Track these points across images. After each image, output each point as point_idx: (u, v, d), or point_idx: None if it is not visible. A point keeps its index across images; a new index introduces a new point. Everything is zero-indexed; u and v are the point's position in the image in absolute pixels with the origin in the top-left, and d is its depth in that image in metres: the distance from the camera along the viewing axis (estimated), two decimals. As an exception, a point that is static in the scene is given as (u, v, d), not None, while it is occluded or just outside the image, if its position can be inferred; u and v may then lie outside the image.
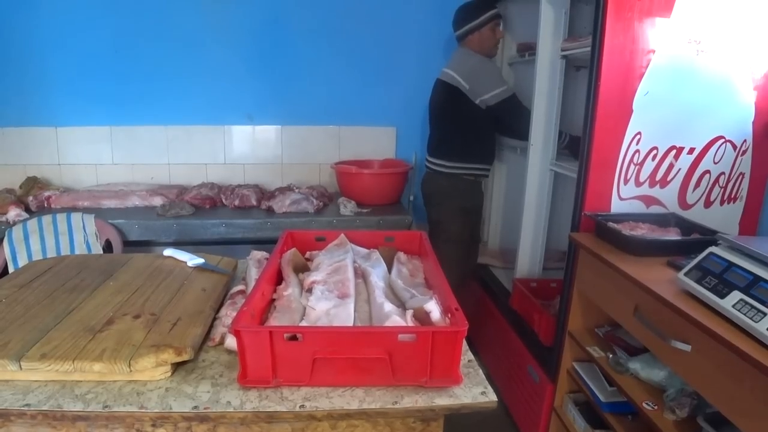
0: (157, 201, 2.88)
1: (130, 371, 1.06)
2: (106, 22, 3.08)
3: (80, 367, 1.07)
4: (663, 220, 1.86)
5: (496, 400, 1.05)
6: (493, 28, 2.67)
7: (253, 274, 1.41)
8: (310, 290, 1.23)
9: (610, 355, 1.77)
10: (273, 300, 1.26)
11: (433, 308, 1.08)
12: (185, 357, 1.10)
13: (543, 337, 2.17)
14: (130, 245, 2.68)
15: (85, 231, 2.60)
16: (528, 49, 2.70)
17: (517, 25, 2.95)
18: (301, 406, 1.00)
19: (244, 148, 3.33)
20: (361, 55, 3.21)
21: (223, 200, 2.99)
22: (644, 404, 1.55)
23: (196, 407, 1.01)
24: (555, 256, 2.79)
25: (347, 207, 2.82)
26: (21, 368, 1.08)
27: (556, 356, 2.05)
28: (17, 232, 2.56)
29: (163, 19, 3.08)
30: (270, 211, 2.84)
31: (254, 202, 2.91)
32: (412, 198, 3.09)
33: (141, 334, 1.16)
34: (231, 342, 1.14)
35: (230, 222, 2.68)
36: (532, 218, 2.49)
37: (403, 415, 1.03)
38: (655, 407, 1.53)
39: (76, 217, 2.64)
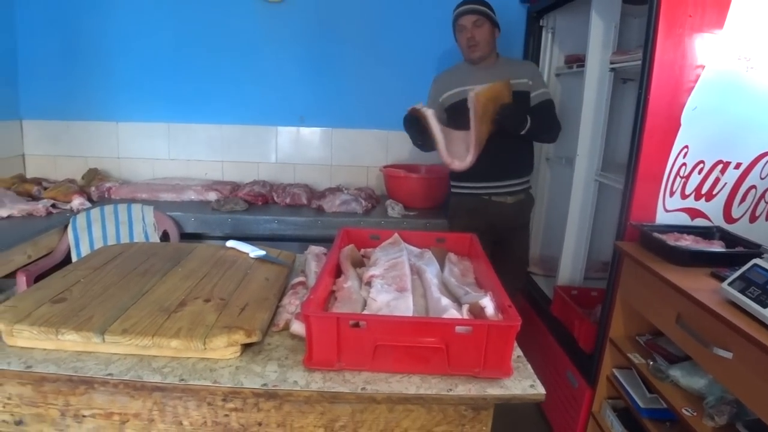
0: (212, 196, 3.02)
1: (204, 349, 1.16)
2: (168, 26, 3.25)
3: (158, 343, 1.17)
4: (707, 233, 1.88)
5: (545, 392, 1.11)
6: (459, 31, 2.55)
7: (313, 267, 1.50)
8: (369, 283, 1.31)
9: (651, 363, 1.81)
10: (333, 291, 1.34)
11: (488, 304, 1.15)
12: (254, 339, 1.19)
13: (583, 344, 2.21)
14: (184, 237, 2.81)
15: (144, 221, 2.74)
16: (576, 61, 2.73)
17: (565, 37, 2.99)
18: (363, 389, 1.08)
19: (294, 149, 3.45)
20: (409, 61, 3.29)
21: (275, 198, 3.10)
22: (683, 410, 1.58)
23: (265, 384, 1.09)
24: (595, 266, 2.82)
25: (395, 209, 2.90)
26: (104, 341, 1.18)
27: (596, 362, 2.09)
28: (81, 220, 2.71)
29: (220, 24, 3.22)
30: (320, 210, 2.94)
31: (304, 201, 3.02)
32: (456, 203, 3.15)
33: (213, 316, 1.25)
34: (297, 327, 1.22)
35: (282, 219, 2.80)
36: (576, 228, 2.53)
37: (456, 402, 1.10)
38: (695, 414, 1.56)
39: (136, 208, 2.78)
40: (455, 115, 2.52)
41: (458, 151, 2.28)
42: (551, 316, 2.52)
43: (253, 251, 1.65)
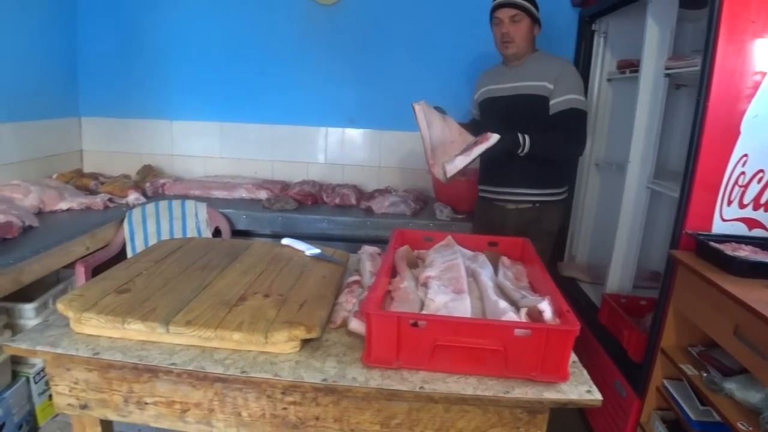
0: (262, 194, 3.08)
1: (266, 343, 1.19)
2: (222, 28, 3.34)
3: (220, 335, 1.21)
4: (766, 244, 1.84)
5: (601, 398, 1.11)
6: (495, 24, 2.38)
7: (368, 266, 1.52)
8: (425, 284, 1.32)
9: (704, 374, 1.77)
10: (388, 291, 1.36)
11: (547, 308, 1.15)
12: (314, 335, 1.22)
13: (632, 353, 2.18)
14: (235, 234, 2.88)
15: (197, 217, 2.82)
16: (628, 66, 2.69)
17: (618, 42, 2.95)
18: (421, 388, 1.10)
19: (343, 150, 3.49)
20: (458, 63, 3.29)
21: (324, 198, 3.15)
22: (739, 425, 1.55)
23: (324, 380, 1.12)
24: (644, 275, 2.77)
25: (443, 212, 2.92)
26: (168, 331, 1.23)
27: (645, 372, 2.06)
28: (136, 214, 2.81)
29: (272, 27, 3.29)
30: (369, 210, 2.97)
31: (353, 202, 3.06)
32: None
33: (273, 311, 1.29)
34: (355, 325, 1.25)
35: (332, 219, 2.84)
36: (626, 235, 2.49)
37: (512, 404, 1.11)
38: (751, 428, 1.53)
39: (189, 204, 2.86)
40: (484, 113, 2.56)
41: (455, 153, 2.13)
42: (599, 323, 2.49)
43: (309, 249, 1.68)
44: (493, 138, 2.00)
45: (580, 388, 1.12)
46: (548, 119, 2.27)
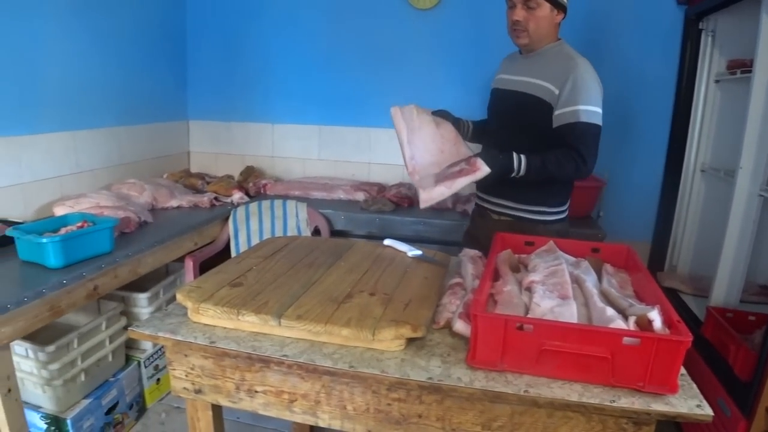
0: (360, 196, 3.16)
1: (373, 340, 1.24)
2: (322, 34, 3.45)
3: (329, 330, 1.26)
4: None
5: (712, 414, 1.07)
6: (508, 7, 1.99)
7: (469, 269, 1.54)
8: (529, 289, 1.33)
9: (823, 397, 1.67)
10: (491, 294, 1.37)
11: (657, 317, 1.13)
12: (419, 334, 1.25)
13: (739, 371, 2.07)
14: (333, 234, 2.99)
15: (297, 217, 2.94)
16: (740, 66, 2.56)
17: (728, 41, 2.80)
18: (525, 391, 1.11)
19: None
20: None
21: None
22: None
23: (430, 378, 1.15)
24: (752, 288, 2.63)
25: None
26: (280, 324, 1.30)
27: (754, 392, 1.95)
28: (240, 212, 2.96)
29: (371, 32, 3.36)
30: (464, 214, 2.96)
31: (449, 205, 3.07)
32: (601, 213, 3.08)
33: (379, 309, 1.33)
34: (459, 326, 1.27)
35: (428, 221, 2.87)
36: (734, 245, 2.37)
37: (618, 414, 1.09)
38: None
39: (291, 204, 2.99)
40: (490, 102, 2.25)
41: (437, 172, 1.82)
42: (702, 338, 2.39)
43: (411, 251, 1.72)
44: (482, 171, 1.71)
45: (689, 402, 1.09)
46: (551, 132, 1.91)
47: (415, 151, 1.86)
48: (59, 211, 2.44)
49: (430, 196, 1.65)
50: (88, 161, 2.92)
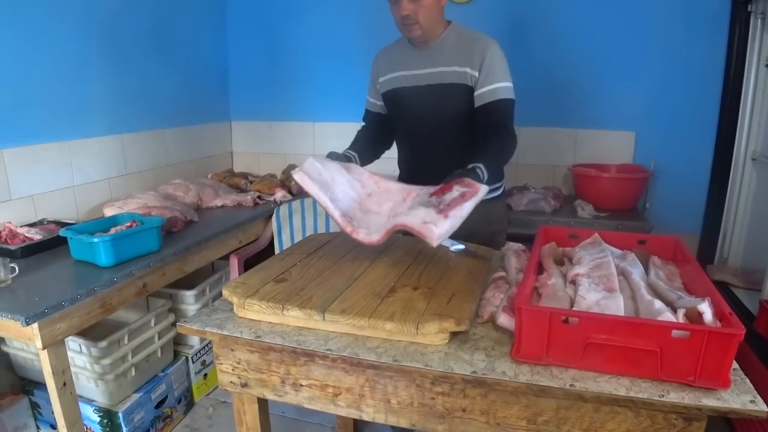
0: (400, 192, 3.16)
1: (416, 334, 1.24)
2: (360, 33, 3.45)
3: (373, 324, 1.27)
4: None
5: (767, 410, 1.04)
6: (392, 3, 1.99)
7: (513, 262, 1.53)
8: (573, 282, 1.31)
9: None
10: (535, 288, 1.36)
11: (707, 310, 1.10)
12: (463, 328, 1.24)
13: (795, 365, 2.01)
14: (371, 230, 2.98)
15: (338, 214, 2.96)
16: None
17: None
18: (571, 385, 1.09)
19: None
20: (599, 55, 3.16)
21: (466, 195, 3.16)
22: None
23: (474, 372, 1.15)
24: (807, 280, 2.53)
25: (585, 209, 2.84)
26: (324, 319, 1.31)
27: (811, 386, 1.89)
28: (283, 210, 3.00)
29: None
30: (507, 208, 2.94)
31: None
32: (648, 205, 3.01)
33: (422, 303, 1.34)
34: (503, 320, 1.26)
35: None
36: (788, 236, 2.30)
37: (668, 409, 1.07)
38: None
39: (331, 201, 3.01)
40: (392, 109, 2.14)
41: (378, 215, 1.66)
42: (755, 332, 2.31)
43: (453, 245, 1.71)
44: (483, 188, 1.52)
45: (742, 398, 1.06)
46: (475, 112, 1.91)
47: (342, 204, 1.65)
48: (109, 211, 2.52)
49: (441, 231, 1.40)
50: (135, 163, 3.01)
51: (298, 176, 1.61)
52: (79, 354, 2.22)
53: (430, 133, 2.05)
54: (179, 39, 3.30)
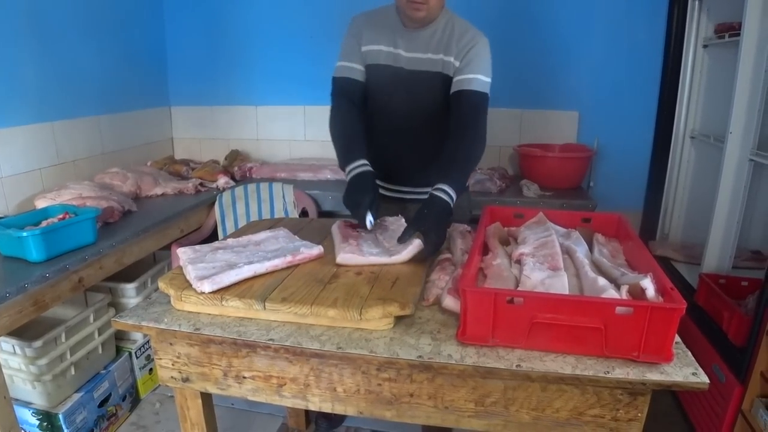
0: (348, 175, 3.12)
1: (360, 319, 1.21)
2: (303, 13, 3.37)
3: (316, 312, 1.23)
4: None
5: (708, 381, 1.05)
6: None
7: (458, 243, 1.52)
8: (518, 261, 1.30)
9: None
10: (480, 269, 1.34)
11: (649, 286, 1.11)
12: (407, 312, 1.22)
13: (733, 337, 2.07)
14: (321, 215, 2.94)
15: (284, 199, 2.90)
16: (728, 30, 2.52)
17: (715, 3, 2.76)
18: (518, 366, 1.08)
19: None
20: (543, 36, 3.18)
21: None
22: None
23: (420, 356, 1.12)
24: (744, 254, 2.62)
25: (530, 189, 2.86)
26: (265, 308, 1.27)
27: (748, 357, 1.94)
28: (226, 197, 2.92)
29: (352, 8, 3.26)
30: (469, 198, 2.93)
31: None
32: (592, 183, 3.06)
33: (366, 288, 1.30)
34: (449, 302, 1.24)
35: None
36: (725, 211, 2.35)
37: (613, 385, 1.07)
38: None
39: (276, 186, 2.94)
40: (374, 80, 1.98)
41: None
42: (695, 305, 2.38)
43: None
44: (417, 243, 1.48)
45: (685, 370, 1.07)
46: (448, 98, 1.85)
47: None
48: (40, 203, 2.39)
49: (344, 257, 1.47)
50: (68, 152, 2.85)
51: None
52: (12, 355, 2.11)
53: (403, 119, 1.95)
54: (113, 20, 3.14)
